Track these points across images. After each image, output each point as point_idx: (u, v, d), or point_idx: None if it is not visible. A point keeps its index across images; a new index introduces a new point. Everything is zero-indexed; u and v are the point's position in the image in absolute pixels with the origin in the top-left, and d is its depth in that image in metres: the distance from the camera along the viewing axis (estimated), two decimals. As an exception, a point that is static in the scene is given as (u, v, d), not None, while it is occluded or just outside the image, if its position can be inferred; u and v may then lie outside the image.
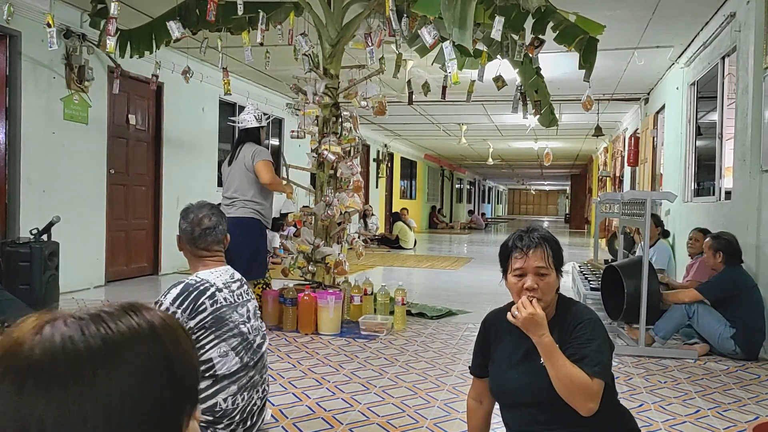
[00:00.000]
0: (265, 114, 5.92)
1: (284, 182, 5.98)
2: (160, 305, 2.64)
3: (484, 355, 2.36)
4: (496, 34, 4.66)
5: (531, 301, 2.10)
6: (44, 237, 5.60)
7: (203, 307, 2.68)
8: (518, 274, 2.18)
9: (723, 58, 6.52)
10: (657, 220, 7.25)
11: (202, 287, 2.73)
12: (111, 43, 5.15)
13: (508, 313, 2.15)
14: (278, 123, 12.39)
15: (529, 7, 4.74)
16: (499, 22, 4.63)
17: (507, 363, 2.25)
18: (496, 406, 2.40)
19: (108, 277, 7.80)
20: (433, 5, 4.57)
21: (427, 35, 4.85)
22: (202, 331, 2.67)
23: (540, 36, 5.04)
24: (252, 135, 5.49)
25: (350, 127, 6.17)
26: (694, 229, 6.31)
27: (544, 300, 2.15)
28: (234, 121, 5.60)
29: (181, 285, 2.72)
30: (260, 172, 5.26)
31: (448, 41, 4.72)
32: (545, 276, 2.15)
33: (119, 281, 8.00)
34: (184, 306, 2.65)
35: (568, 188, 38.02)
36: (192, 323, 2.65)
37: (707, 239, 5.24)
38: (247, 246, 5.18)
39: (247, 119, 5.50)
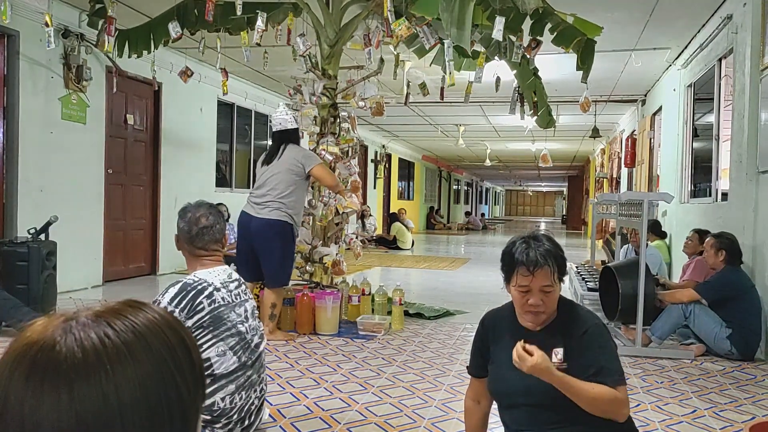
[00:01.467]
0: (295, 110, 5.76)
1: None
2: (158, 304, 2.65)
3: (483, 356, 2.35)
4: (497, 34, 4.68)
5: (526, 348, 2.03)
6: (42, 236, 5.61)
7: (201, 306, 2.69)
8: (524, 291, 2.15)
9: (720, 60, 6.55)
10: (649, 225, 7.26)
11: (200, 287, 2.74)
12: (109, 43, 5.16)
13: (513, 356, 2.08)
14: (276, 123, 12.38)
15: (527, 8, 4.75)
16: (500, 22, 4.65)
17: (507, 364, 2.21)
18: (494, 405, 2.40)
19: (105, 277, 7.80)
20: (431, 6, 4.58)
21: (429, 36, 4.86)
22: (200, 330, 2.68)
23: (537, 37, 5.06)
24: (292, 136, 5.30)
25: (348, 128, 6.18)
26: (693, 229, 6.31)
27: (547, 312, 2.16)
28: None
29: (179, 284, 2.73)
30: (323, 177, 5.16)
31: (449, 40, 4.73)
32: (550, 292, 2.14)
33: (117, 281, 8.00)
34: (182, 305, 2.66)
35: (565, 189, 38.10)
36: (190, 323, 2.66)
37: (710, 238, 5.21)
38: (278, 250, 5.03)
39: (287, 119, 5.27)
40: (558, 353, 2.09)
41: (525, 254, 2.13)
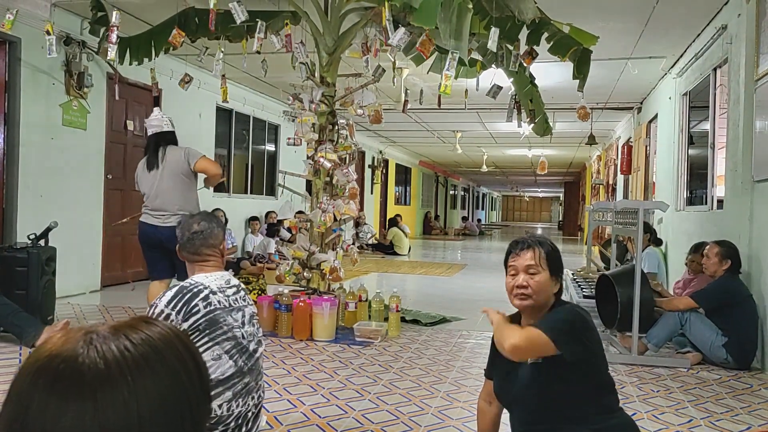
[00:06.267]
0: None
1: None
2: (156, 307, 2.68)
3: (493, 361, 2.51)
4: (492, 45, 4.72)
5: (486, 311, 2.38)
6: (41, 242, 5.62)
7: (196, 308, 2.72)
8: (512, 273, 2.30)
9: (715, 69, 6.60)
10: (646, 228, 7.29)
11: (195, 289, 2.76)
12: (111, 52, 5.18)
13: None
14: (274, 129, 12.44)
15: (524, 18, 4.80)
16: (494, 33, 4.69)
17: (503, 375, 2.41)
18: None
19: (104, 282, 7.81)
20: (430, 16, 4.61)
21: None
22: (196, 333, 2.70)
23: (535, 47, 5.10)
24: (170, 137, 5.19)
25: (346, 135, 6.21)
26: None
27: (535, 299, 2.26)
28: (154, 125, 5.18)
29: (176, 288, 2.76)
30: (207, 167, 5.15)
31: (451, 54, 4.75)
32: (535, 275, 2.25)
33: (114, 286, 8.01)
34: (177, 308, 2.68)
35: (561, 195, 38.13)
36: (186, 325, 2.68)
37: (712, 245, 5.18)
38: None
39: (163, 121, 5.16)
40: None
41: (515, 243, 2.35)
